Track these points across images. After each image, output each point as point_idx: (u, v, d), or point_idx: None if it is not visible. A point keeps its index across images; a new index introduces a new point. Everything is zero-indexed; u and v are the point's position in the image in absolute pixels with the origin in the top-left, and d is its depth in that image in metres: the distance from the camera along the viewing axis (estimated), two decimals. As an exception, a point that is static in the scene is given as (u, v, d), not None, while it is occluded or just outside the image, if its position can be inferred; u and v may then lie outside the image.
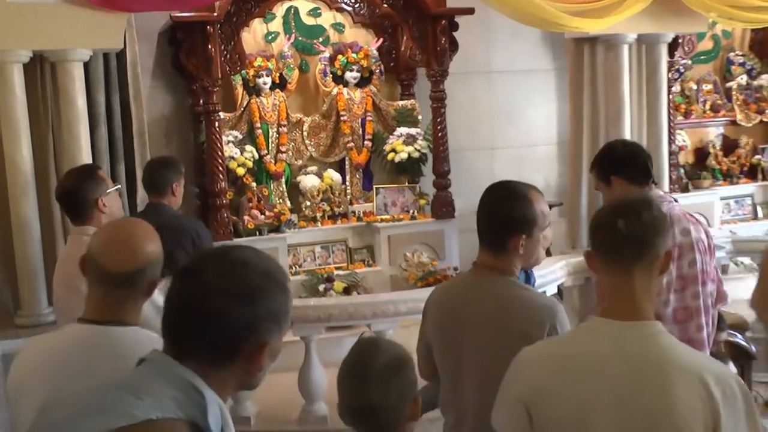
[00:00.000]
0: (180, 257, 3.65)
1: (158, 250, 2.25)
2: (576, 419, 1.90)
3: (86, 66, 5.27)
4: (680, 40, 6.97)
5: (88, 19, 4.97)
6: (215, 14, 5.95)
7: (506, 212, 2.48)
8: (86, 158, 5.15)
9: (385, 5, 6.64)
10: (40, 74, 5.21)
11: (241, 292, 1.56)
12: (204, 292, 1.55)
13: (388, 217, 6.86)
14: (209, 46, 5.98)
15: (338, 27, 7.10)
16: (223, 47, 6.13)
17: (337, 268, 6.65)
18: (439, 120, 6.76)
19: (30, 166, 5.04)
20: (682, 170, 7.81)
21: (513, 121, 7.74)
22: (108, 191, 3.43)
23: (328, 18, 7.07)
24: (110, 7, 4.97)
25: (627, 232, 1.94)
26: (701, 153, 8.33)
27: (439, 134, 6.78)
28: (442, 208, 6.80)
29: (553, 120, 7.83)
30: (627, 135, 6.48)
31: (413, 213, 6.90)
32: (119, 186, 3.74)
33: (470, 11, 6.63)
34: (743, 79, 8.37)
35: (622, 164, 3.44)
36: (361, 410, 2.12)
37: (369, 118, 7.05)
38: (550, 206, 2.81)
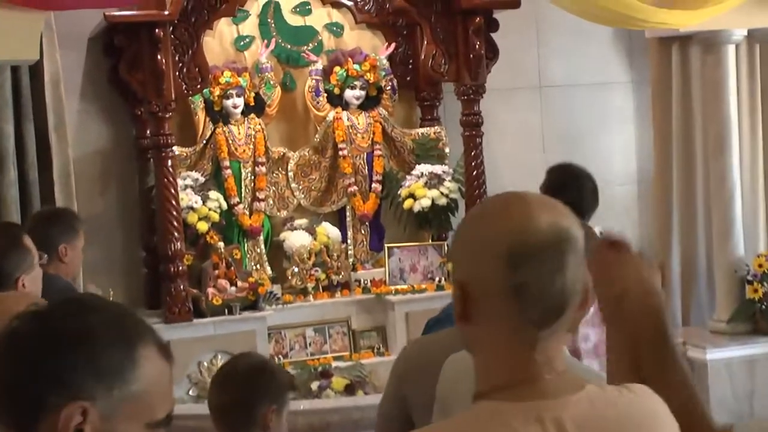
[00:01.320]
0: None
1: None
2: None
3: (-13, 85, 5.18)
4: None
5: (-11, 21, 4.87)
6: (167, 12, 5.91)
7: None
8: (-13, 211, 5.02)
9: (399, -3, 6.60)
10: (-76, 97, 5.11)
11: (59, 334, 1.58)
12: (14, 339, 1.59)
13: (405, 287, 6.82)
14: (159, 57, 5.94)
15: (335, 28, 7.07)
16: (178, 57, 6.12)
17: (337, 359, 6.59)
18: (474, 153, 6.73)
19: None
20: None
21: (576, 152, 7.47)
22: (32, 268, 3.41)
23: (320, 16, 7.05)
24: (21, 4, 4.88)
25: None
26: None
27: (474, 172, 6.75)
28: (481, 273, 6.66)
29: (632, 150, 7.81)
30: (735, 167, 6.48)
31: (440, 281, 6.84)
32: (45, 258, 3.61)
33: (514, 4, 6.61)
34: None
35: (546, 191, 4.39)
36: (221, 407, 3.13)
37: (378, 153, 7.02)
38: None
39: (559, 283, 1.66)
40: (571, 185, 4.59)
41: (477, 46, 6.54)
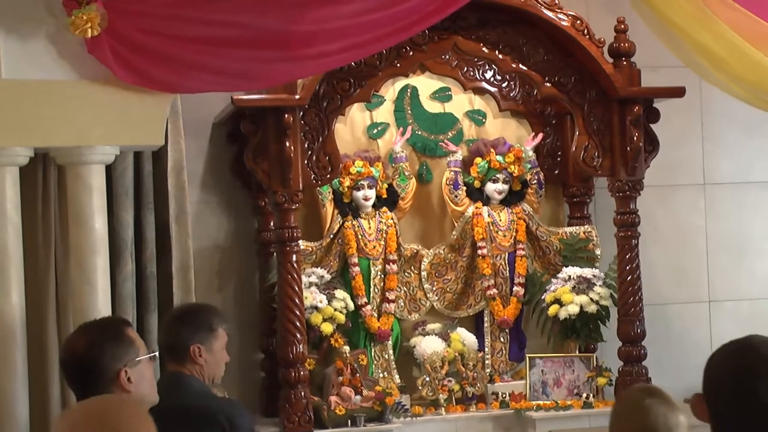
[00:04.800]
0: None
1: None
2: None
3: (108, 171, 5.35)
4: None
5: (114, 103, 5.09)
6: (297, 97, 6.03)
7: None
8: (103, 306, 5.21)
9: (548, 83, 6.61)
10: (42, 183, 5.34)
11: None
12: None
13: (548, 402, 6.73)
14: (287, 143, 6.04)
15: (476, 116, 7.15)
16: (307, 145, 6.20)
17: (471, 481, 6.52)
18: (629, 256, 6.66)
19: (20, 317, 5.10)
20: None
21: (746, 259, 7.63)
22: (137, 359, 3.49)
23: (461, 103, 7.13)
24: (151, 87, 5.06)
25: None
26: None
27: (629, 278, 6.67)
28: (634, 391, 6.55)
29: (814, 258, 7.67)
30: None
31: (587, 398, 6.75)
32: (155, 353, 3.73)
33: (679, 92, 6.59)
34: None
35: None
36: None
37: (521, 253, 7.02)
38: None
39: None
40: None
41: (635, 138, 6.50)
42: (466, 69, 7.00)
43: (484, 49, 6.52)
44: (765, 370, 2.46)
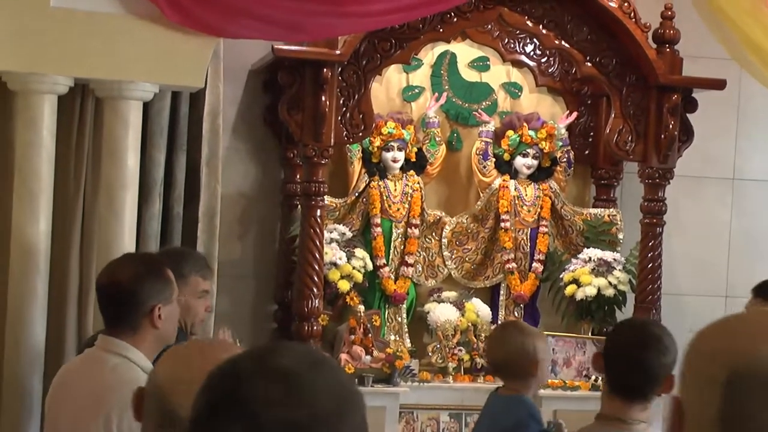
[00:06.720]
0: None
1: None
2: None
3: (145, 109, 5.38)
4: None
5: (159, 41, 5.10)
6: (338, 52, 6.02)
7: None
8: (128, 242, 5.25)
9: (589, 63, 6.59)
10: (79, 114, 5.33)
11: None
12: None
13: (556, 381, 6.74)
14: (323, 98, 6.04)
15: (512, 89, 7.14)
16: (342, 101, 6.20)
17: (472, 451, 6.49)
18: (651, 244, 6.66)
19: (46, 245, 5.13)
20: None
21: (766, 258, 7.58)
22: (171, 299, 3.61)
23: (498, 74, 7.12)
24: (197, 28, 5.06)
25: None
26: None
27: (650, 265, 6.68)
28: (643, 378, 6.58)
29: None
30: None
31: (596, 380, 6.71)
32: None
33: (720, 84, 6.59)
34: None
35: None
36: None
37: (544, 229, 7.03)
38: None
39: None
40: None
41: (671, 126, 6.49)
42: (507, 40, 6.98)
43: (528, 22, 6.47)
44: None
